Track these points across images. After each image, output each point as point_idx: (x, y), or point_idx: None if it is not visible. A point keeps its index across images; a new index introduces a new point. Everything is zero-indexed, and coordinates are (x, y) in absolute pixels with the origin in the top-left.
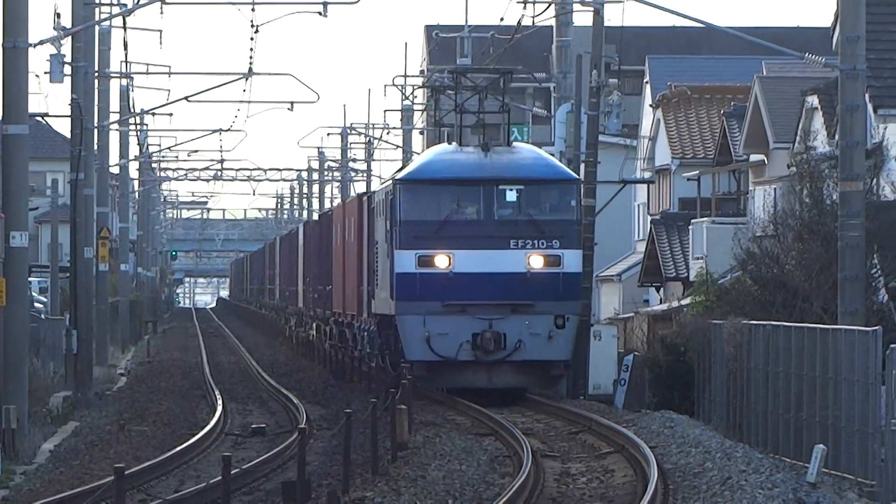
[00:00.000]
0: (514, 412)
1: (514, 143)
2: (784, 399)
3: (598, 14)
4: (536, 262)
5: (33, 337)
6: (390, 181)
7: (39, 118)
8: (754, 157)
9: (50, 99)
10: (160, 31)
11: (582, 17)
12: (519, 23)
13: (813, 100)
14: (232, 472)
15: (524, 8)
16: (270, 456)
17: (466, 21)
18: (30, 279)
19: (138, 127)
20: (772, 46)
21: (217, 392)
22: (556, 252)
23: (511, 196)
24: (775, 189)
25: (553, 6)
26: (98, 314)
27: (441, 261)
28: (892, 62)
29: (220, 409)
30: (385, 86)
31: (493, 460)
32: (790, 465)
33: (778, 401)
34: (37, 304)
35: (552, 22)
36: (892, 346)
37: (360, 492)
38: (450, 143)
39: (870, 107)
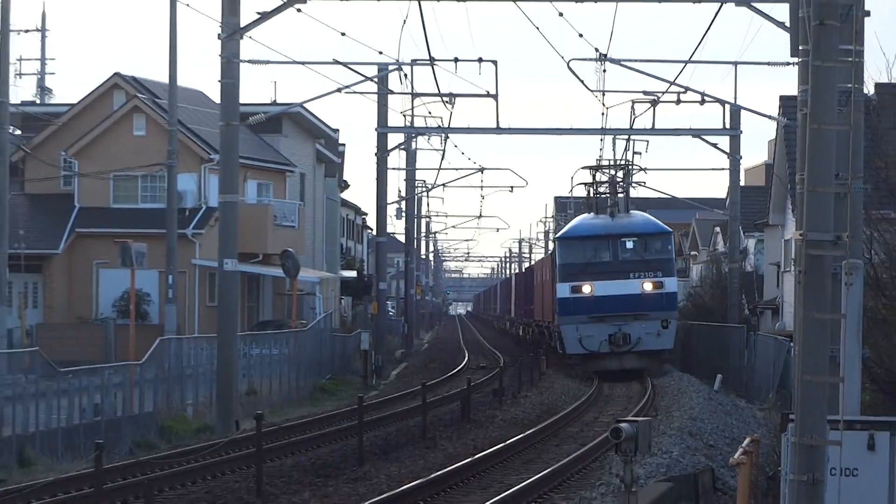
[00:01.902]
0: None
1: (631, 211)
2: (705, 354)
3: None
4: (648, 286)
5: (389, 326)
6: (554, 240)
7: (391, 234)
8: (693, 253)
9: (395, 226)
10: (442, 198)
11: None
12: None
13: (718, 228)
14: (472, 384)
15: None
16: (487, 378)
17: (571, 192)
18: (387, 302)
19: (434, 238)
20: (700, 206)
21: (465, 350)
22: (660, 279)
23: (629, 244)
24: (702, 267)
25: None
26: (416, 317)
27: (586, 288)
28: (751, 213)
29: (466, 357)
30: (538, 221)
31: (581, 381)
32: (707, 383)
33: (703, 355)
34: (390, 311)
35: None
36: (751, 333)
37: (525, 393)
38: (589, 213)
39: (742, 231)
